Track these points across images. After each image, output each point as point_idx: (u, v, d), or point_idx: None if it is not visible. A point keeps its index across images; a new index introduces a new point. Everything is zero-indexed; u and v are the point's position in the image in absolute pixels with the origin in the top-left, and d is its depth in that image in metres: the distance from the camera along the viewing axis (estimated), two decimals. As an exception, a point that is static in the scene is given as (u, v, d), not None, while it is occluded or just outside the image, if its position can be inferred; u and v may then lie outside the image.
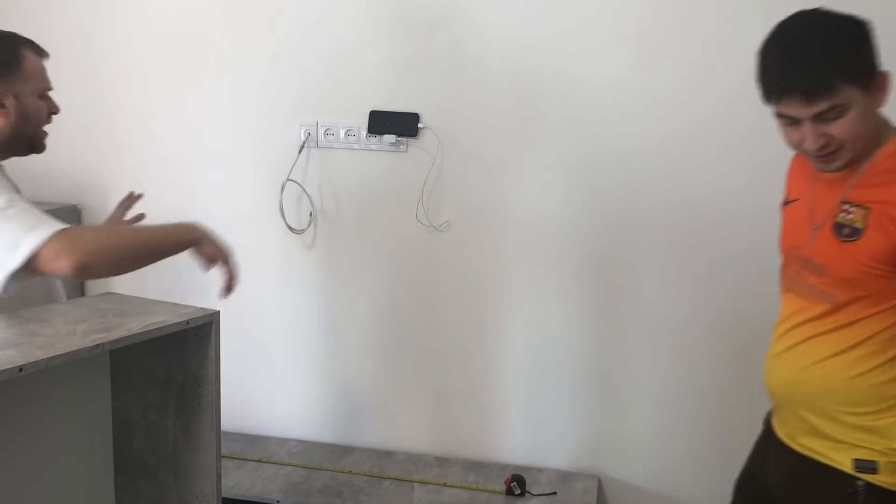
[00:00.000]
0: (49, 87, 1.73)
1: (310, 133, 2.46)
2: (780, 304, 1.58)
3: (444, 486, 2.32)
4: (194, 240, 1.63)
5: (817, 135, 1.37)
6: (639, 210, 2.30)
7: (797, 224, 1.54)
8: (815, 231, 1.48)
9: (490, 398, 2.49)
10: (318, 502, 2.22)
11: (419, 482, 2.34)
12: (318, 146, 2.46)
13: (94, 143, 2.58)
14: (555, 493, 2.29)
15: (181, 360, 1.32)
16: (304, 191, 2.48)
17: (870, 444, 1.42)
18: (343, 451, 2.54)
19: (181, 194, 2.32)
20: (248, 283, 2.53)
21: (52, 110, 1.73)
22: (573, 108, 2.29)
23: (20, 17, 2.62)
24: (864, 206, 1.39)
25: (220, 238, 1.66)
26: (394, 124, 2.39)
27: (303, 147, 2.46)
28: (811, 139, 1.38)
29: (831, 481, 1.45)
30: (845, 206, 1.42)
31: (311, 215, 2.49)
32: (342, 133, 2.44)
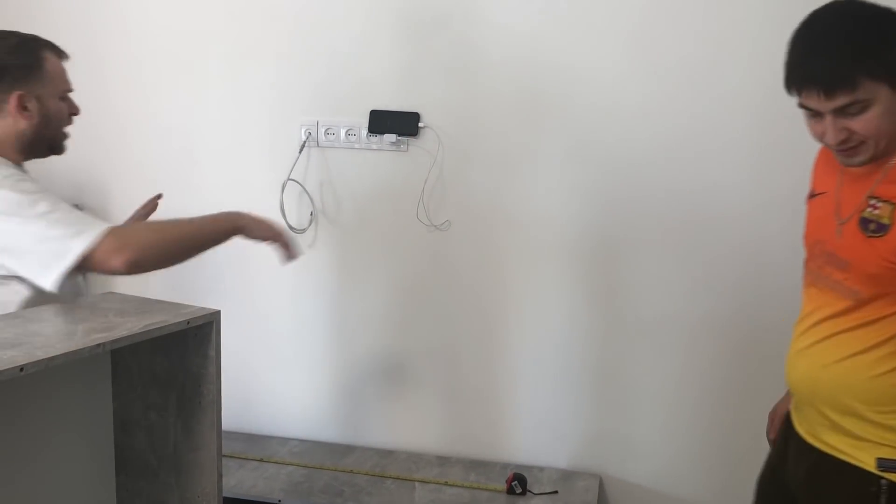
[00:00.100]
0: (70, 89, 1.74)
1: (310, 132, 2.46)
2: (802, 299, 1.55)
3: (446, 485, 2.32)
4: (239, 228, 1.70)
5: (838, 129, 1.34)
6: (639, 209, 2.30)
7: (822, 218, 1.50)
8: (840, 226, 1.44)
9: (491, 397, 2.49)
10: (319, 502, 2.22)
11: (420, 481, 2.34)
12: (318, 146, 2.47)
13: (95, 143, 2.58)
14: (556, 491, 2.29)
15: (182, 359, 1.32)
16: (305, 190, 2.48)
17: (893, 443, 1.39)
18: (344, 450, 2.54)
19: (182, 194, 2.31)
20: (249, 283, 2.55)
21: (73, 111, 1.75)
22: (574, 107, 2.29)
23: (22, 16, 2.62)
24: (891, 202, 1.36)
25: (264, 221, 1.72)
26: (394, 124, 2.39)
27: (303, 146, 2.46)
28: (831, 133, 1.35)
29: (853, 480, 1.42)
30: (872, 202, 1.38)
31: (311, 215, 2.49)
32: (343, 132, 2.44)
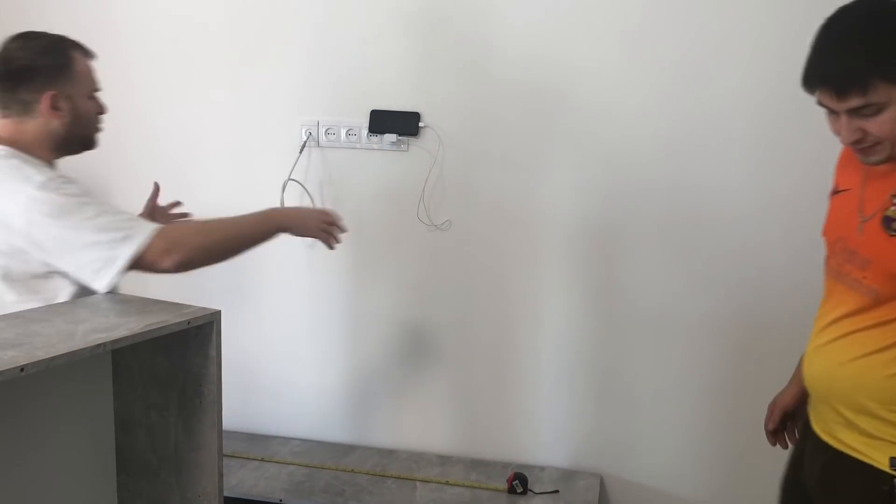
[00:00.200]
0: (98, 88, 1.77)
1: (311, 132, 2.46)
2: (823, 296, 1.54)
3: (447, 484, 2.32)
4: (283, 228, 1.79)
5: (852, 129, 1.33)
6: (640, 208, 2.30)
7: (845, 215, 1.48)
8: (863, 223, 1.42)
9: (492, 397, 2.49)
10: (320, 501, 2.22)
11: (421, 481, 2.34)
12: (319, 146, 2.47)
13: (96, 144, 2.59)
14: (557, 491, 2.29)
15: (183, 359, 1.32)
16: (306, 190, 2.48)
17: None
18: (345, 449, 2.54)
19: (183, 194, 2.30)
20: (249, 283, 2.55)
21: (100, 110, 1.78)
22: (574, 107, 2.29)
23: (20, 17, 2.62)
24: None
25: (310, 219, 1.81)
26: (395, 123, 2.39)
27: (304, 146, 2.46)
28: (845, 133, 1.34)
29: (867, 478, 1.41)
30: None
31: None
32: (343, 132, 2.44)
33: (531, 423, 2.48)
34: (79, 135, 1.73)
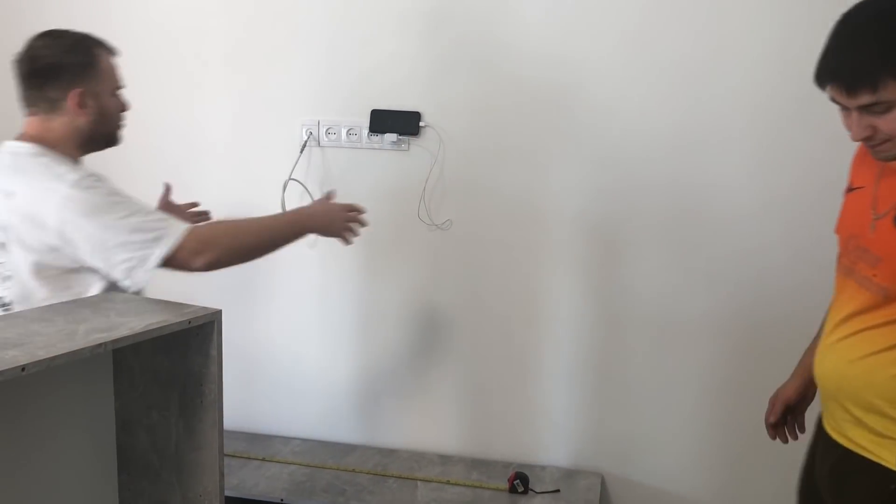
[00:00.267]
0: (121, 85, 1.79)
1: (311, 132, 2.46)
2: (834, 293, 1.53)
3: (448, 483, 2.32)
4: (309, 230, 1.84)
5: (863, 126, 1.33)
6: (642, 207, 2.30)
7: (858, 213, 1.48)
8: (875, 221, 1.42)
9: (493, 396, 2.49)
10: (321, 501, 2.22)
11: (422, 480, 2.34)
12: (319, 145, 2.47)
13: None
14: (558, 490, 2.29)
15: (183, 359, 1.32)
16: (307, 190, 2.48)
17: None
18: (346, 449, 2.54)
19: (183, 193, 2.30)
20: (250, 283, 2.55)
21: (123, 107, 1.80)
22: (575, 106, 2.29)
23: (17, 17, 2.63)
24: None
25: (335, 221, 1.85)
26: (395, 123, 2.39)
27: (304, 146, 2.46)
28: (855, 129, 1.34)
29: (875, 477, 1.41)
30: None
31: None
32: (344, 132, 2.44)
33: (532, 423, 2.48)
34: (103, 132, 1.76)
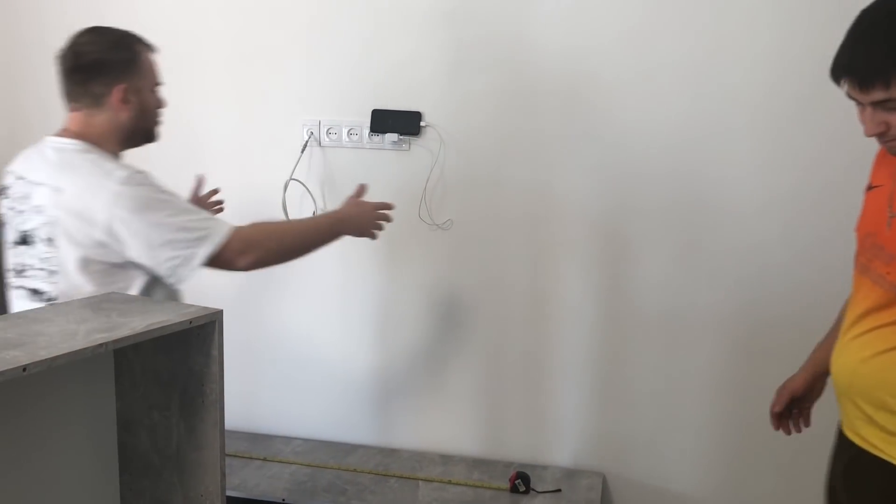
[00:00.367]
0: (160, 83, 1.81)
1: (312, 132, 2.46)
2: (851, 292, 1.53)
3: (449, 483, 2.32)
4: (344, 233, 1.90)
5: (876, 122, 1.33)
6: (643, 207, 2.30)
7: (876, 211, 1.47)
8: (891, 219, 1.42)
9: (494, 395, 2.49)
10: (323, 501, 2.22)
11: (424, 480, 2.34)
12: (320, 145, 2.47)
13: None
14: (559, 490, 2.29)
15: (184, 359, 1.32)
16: (307, 190, 2.48)
17: None
18: (348, 449, 2.54)
19: (183, 193, 2.31)
20: (250, 282, 2.55)
21: (161, 104, 1.82)
22: (576, 106, 2.29)
23: (14, 17, 2.63)
24: None
25: (366, 226, 1.93)
26: (396, 123, 2.39)
27: (305, 146, 2.46)
28: (868, 125, 1.34)
29: (885, 476, 1.40)
30: None
31: (313, 214, 2.49)
32: (345, 132, 2.44)
33: (534, 423, 2.48)
34: (144, 127, 1.78)
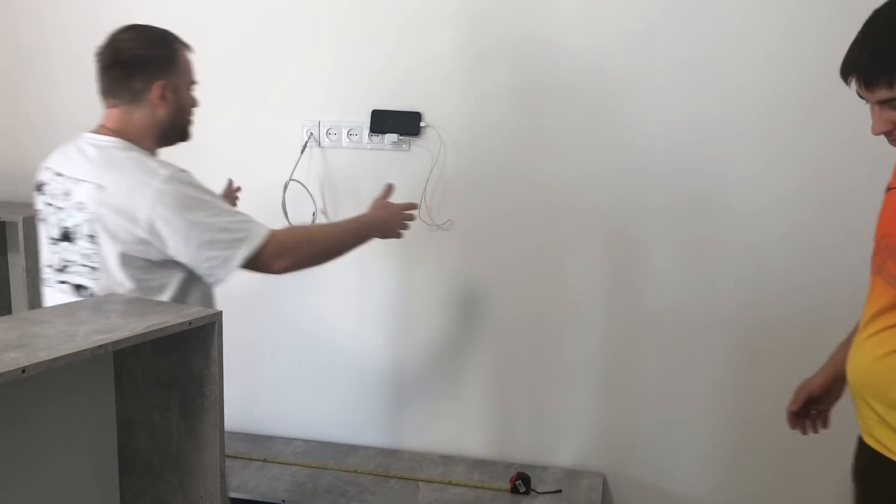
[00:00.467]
0: (196, 81, 1.83)
1: (312, 133, 2.46)
2: (868, 292, 1.51)
3: (450, 484, 2.32)
4: (374, 237, 1.94)
5: (883, 121, 1.33)
6: (644, 207, 2.29)
7: (893, 211, 1.47)
8: None
9: (494, 396, 2.49)
10: (323, 502, 2.22)
11: (424, 481, 2.34)
12: (320, 146, 2.47)
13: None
14: (560, 490, 2.29)
15: (184, 360, 1.32)
16: (307, 190, 2.48)
17: None
18: (348, 450, 2.54)
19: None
20: (251, 283, 2.54)
21: (195, 103, 1.84)
22: (577, 106, 2.29)
23: (11, 17, 2.63)
24: None
25: (394, 230, 1.97)
26: (396, 123, 2.39)
27: (305, 146, 2.46)
28: (875, 123, 1.34)
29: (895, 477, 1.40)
30: None
31: (313, 215, 2.49)
32: (344, 132, 2.44)
33: (534, 423, 2.47)
34: (179, 124, 1.80)
